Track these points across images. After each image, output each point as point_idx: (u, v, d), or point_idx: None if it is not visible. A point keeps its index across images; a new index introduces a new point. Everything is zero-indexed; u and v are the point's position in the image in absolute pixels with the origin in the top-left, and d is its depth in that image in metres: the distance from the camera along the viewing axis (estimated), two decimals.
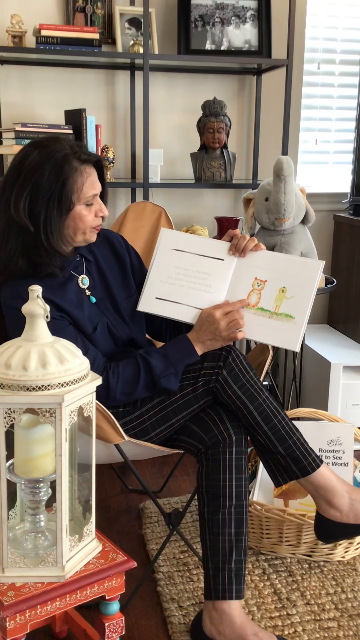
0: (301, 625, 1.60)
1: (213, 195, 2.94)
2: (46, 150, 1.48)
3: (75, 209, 1.50)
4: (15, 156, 1.52)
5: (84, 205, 1.52)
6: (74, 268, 1.61)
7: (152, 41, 2.58)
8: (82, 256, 1.65)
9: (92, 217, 1.54)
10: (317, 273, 1.59)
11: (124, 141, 2.80)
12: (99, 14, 2.61)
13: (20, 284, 1.49)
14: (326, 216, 3.04)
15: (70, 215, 1.50)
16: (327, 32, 2.90)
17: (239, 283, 1.63)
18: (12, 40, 2.42)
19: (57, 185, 1.46)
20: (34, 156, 1.47)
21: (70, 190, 1.47)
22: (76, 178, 1.48)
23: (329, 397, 2.54)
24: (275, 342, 1.59)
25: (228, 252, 1.66)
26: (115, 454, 1.57)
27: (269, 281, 1.62)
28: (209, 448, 1.52)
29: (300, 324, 1.58)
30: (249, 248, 1.64)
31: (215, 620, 1.46)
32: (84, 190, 1.50)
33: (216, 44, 2.63)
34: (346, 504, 1.54)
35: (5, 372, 1.12)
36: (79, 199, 1.50)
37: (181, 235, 1.70)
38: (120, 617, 1.31)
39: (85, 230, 1.54)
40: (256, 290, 1.62)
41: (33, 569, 1.21)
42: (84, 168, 1.50)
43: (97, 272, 1.68)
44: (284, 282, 1.61)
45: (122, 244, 1.76)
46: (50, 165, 1.46)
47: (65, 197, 1.47)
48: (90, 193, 1.51)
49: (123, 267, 1.73)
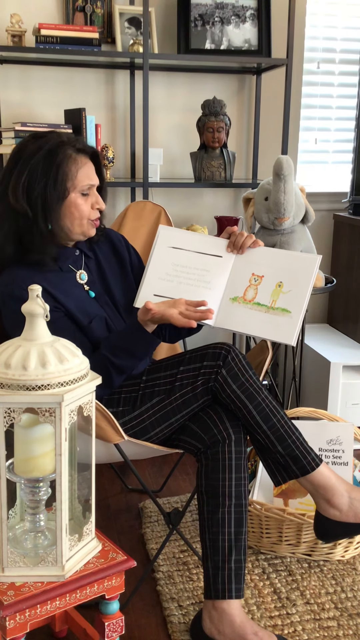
0: (301, 625, 1.60)
1: (213, 194, 2.94)
2: (42, 139, 1.54)
3: (70, 197, 1.54)
4: (14, 148, 1.57)
5: (80, 194, 1.55)
6: (73, 262, 1.63)
7: (152, 40, 2.58)
8: (82, 252, 1.66)
9: (88, 208, 1.57)
10: (313, 267, 1.60)
11: (123, 140, 2.80)
12: (98, 14, 2.61)
13: (16, 271, 1.53)
14: (326, 215, 3.04)
15: (66, 203, 1.53)
16: (326, 31, 2.90)
17: (237, 279, 1.64)
18: (12, 39, 2.42)
19: (51, 170, 1.50)
20: (31, 145, 1.53)
21: (64, 176, 1.51)
22: (70, 165, 1.53)
23: (328, 396, 2.54)
24: (272, 337, 1.59)
25: (226, 249, 1.66)
26: (115, 453, 1.57)
27: (265, 276, 1.62)
28: (208, 447, 1.52)
29: (297, 318, 1.58)
30: (247, 245, 1.65)
31: (215, 619, 1.46)
32: (78, 177, 1.54)
33: (216, 44, 2.63)
34: (346, 503, 1.54)
35: (5, 372, 1.12)
36: (74, 186, 1.53)
37: (179, 233, 1.70)
38: (120, 617, 1.31)
39: (82, 221, 1.57)
40: (253, 285, 1.63)
41: (33, 568, 1.21)
42: (79, 157, 1.55)
43: (97, 268, 1.69)
44: (280, 276, 1.61)
45: (123, 242, 1.78)
46: (45, 151, 1.51)
47: (59, 182, 1.51)
48: (85, 182, 1.55)
49: (123, 265, 1.75)
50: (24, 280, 1.50)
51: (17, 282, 1.50)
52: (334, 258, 3.03)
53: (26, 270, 1.54)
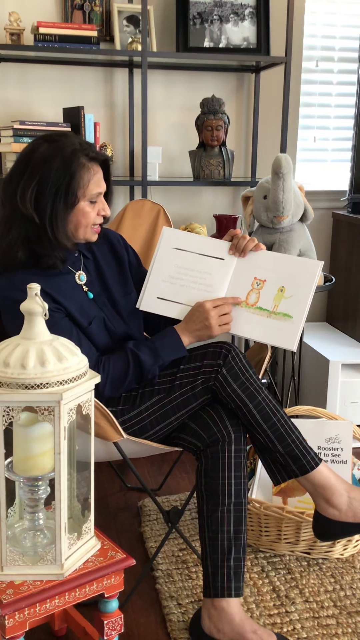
0: (300, 623, 1.60)
1: (212, 193, 2.94)
2: (56, 144, 1.50)
3: (79, 205, 1.52)
4: (24, 149, 1.54)
5: (88, 202, 1.54)
6: (72, 263, 1.63)
7: (151, 39, 2.58)
8: (81, 253, 1.66)
9: (94, 215, 1.57)
10: (316, 273, 1.60)
11: (122, 139, 2.80)
12: (97, 12, 2.61)
13: (17, 275, 1.51)
14: (325, 214, 3.04)
15: (74, 211, 1.52)
16: (325, 29, 2.89)
17: (239, 282, 1.64)
18: (10, 37, 2.42)
19: (64, 179, 1.48)
20: (43, 149, 1.50)
21: (76, 186, 1.49)
22: (83, 174, 1.50)
23: (327, 394, 2.54)
24: (273, 342, 1.59)
25: (228, 252, 1.67)
26: (114, 451, 1.57)
27: (268, 281, 1.63)
28: (208, 446, 1.52)
29: (298, 324, 1.58)
30: (249, 248, 1.65)
31: (214, 617, 1.46)
32: (89, 187, 1.52)
33: (214, 42, 2.63)
34: (345, 502, 1.54)
35: (4, 370, 1.12)
36: (84, 195, 1.52)
37: (182, 234, 1.70)
38: (119, 615, 1.31)
39: (86, 228, 1.56)
40: (255, 289, 1.63)
41: (32, 567, 1.21)
42: (92, 165, 1.53)
43: (95, 269, 1.68)
44: (283, 281, 1.61)
45: (121, 242, 1.77)
46: (59, 159, 1.48)
47: (71, 192, 1.49)
48: (95, 190, 1.54)
49: (121, 265, 1.74)
50: (23, 283, 1.49)
51: (17, 285, 1.49)
52: (332, 256, 3.03)
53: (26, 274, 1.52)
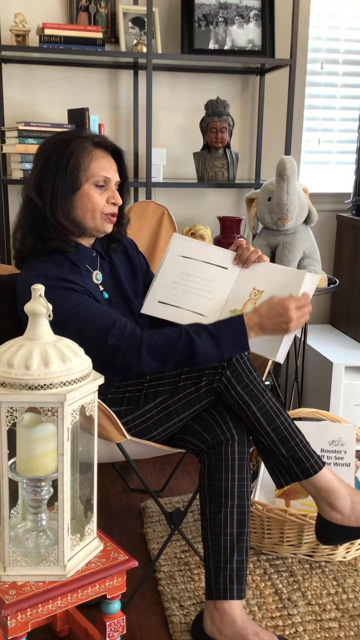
0: (302, 626, 1.59)
1: (216, 194, 2.94)
2: (63, 134, 1.57)
3: (83, 188, 1.53)
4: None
5: (94, 186, 1.54)
6: (90, 263, 1.63)
7: (156, 40, 2.58)
8: (98, 253, 1.67)
9: (101, 201, 1.56)
10: (313, 285, 1.61)
11: (126, 140, 2.80)
12: (102, 13, 2.61)
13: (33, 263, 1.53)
14: (329, 216, 3.04)
15: (78, 195, 1.53)
16: (330, 32, 2.89)
17: (239, 292, 1.65)
18: (16, 39, 2.43)
19: (63, 160, 1.51)
20: (51, 140, 1.56)
21: (77, 166, 1.51)
22: (84, 155, 1.53)
23: (330, 397, 2.53)
24: (260, 352, 1.59)
25: (233, 262, 1.67)
26: (117, 453, 1.57)
27: (265, 291, 1.63)
28: (211, 448, 1.52)
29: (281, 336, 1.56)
30: (252, 260, 1.66)
31: (216, 620, 1.46)
32: (91, 169, 1.53)
33: (219, 44, 2.63)
34: (348, 506, 1.54)
35: (8, 371, 1.12)
36: (87, 177, 1.53)
37: (191, 243, 1.72)
38: (121, 617, 1.31)
39: (94, 214, 1.55)
40: (252, 299, 1.64)
41: (34, 567, 1.21)
42: (95, 150, 1.55)
43: (110, 270, 1.70)
44: (278, 292, 1.61)
45: (134, 246, 1.81)
46: (60, 142, 1.53)
47: (70, 171, 1.51)
48: (99, 174, 1.54)
49: (134, 268, 1.76)
50: (46, 270, 1.50)
51: (39, 272, 1.49)
52: (336, 259, 3.03)
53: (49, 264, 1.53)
